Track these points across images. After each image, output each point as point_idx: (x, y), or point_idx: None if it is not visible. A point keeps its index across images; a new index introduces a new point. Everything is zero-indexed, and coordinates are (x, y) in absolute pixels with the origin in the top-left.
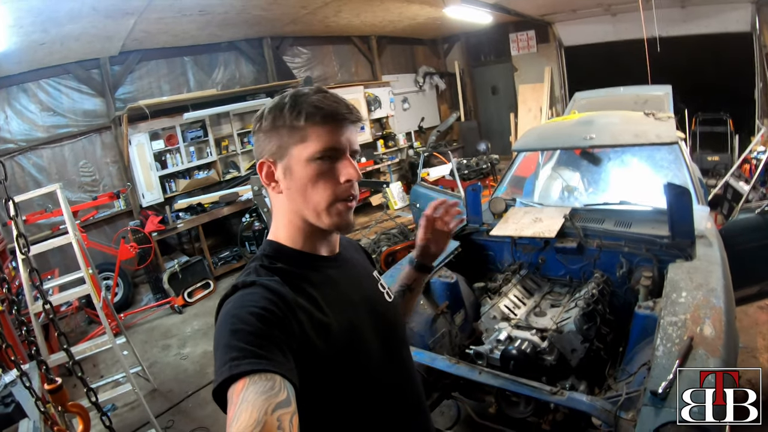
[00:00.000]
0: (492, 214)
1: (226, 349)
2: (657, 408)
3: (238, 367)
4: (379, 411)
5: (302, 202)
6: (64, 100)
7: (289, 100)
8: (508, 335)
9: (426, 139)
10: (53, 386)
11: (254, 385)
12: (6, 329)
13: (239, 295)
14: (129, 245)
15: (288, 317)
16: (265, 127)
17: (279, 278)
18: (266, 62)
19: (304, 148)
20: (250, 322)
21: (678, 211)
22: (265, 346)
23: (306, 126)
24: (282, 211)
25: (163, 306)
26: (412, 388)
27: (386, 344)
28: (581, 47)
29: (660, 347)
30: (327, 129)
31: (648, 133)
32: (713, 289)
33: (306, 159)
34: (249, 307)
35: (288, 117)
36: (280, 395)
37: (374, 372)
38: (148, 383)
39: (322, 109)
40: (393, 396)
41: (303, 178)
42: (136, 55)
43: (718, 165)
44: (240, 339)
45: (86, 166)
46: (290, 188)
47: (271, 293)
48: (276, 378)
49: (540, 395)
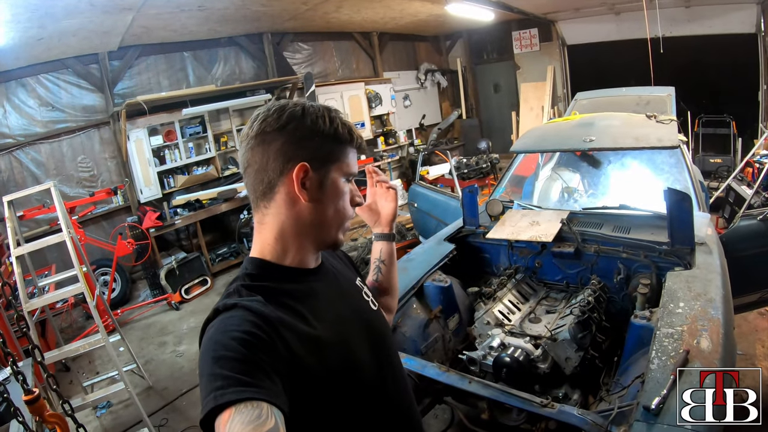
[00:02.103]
0: (489, 216)
1: (211, 378)
2: (649, 424)
3: (223, 396)
4: (372, 421)
5: (324, 216)
6: (62, 95)
7: (324, 111)
8: (502, 342)
9: (427, 136)
10: (30, 397)
11: (240, 414)
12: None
13: (221, 319)
14: (126, 241)
15: (272, 338)
16: (297, 130)
17: (261, 297)
18: (266, 58)
19: (343, 168)
20: (233, 348)
21: (678, 217)
22: (249, 372)
23: (346, 145)
24: (282, 222)
25: (160, 302)
26: (404, 396)
27: (376, 354)
28: (584, 46)
29: (655, 360)
30: (355, 153)
31: (649, 136)
32: (712, 300)
33: (343, 177)
34: (231, 332)
35: (330, 127)
36: (267, 423)
37: (367, 382)
38: (144, 381)
39: (353, 133)
40: (386, 405)
41: (338, 194)
42: (135, 50)
43: (720, 167)
44: (223, 366)
45: (84, 162)
46: (319, 200)
47: (253, 315)
48: (263, 405)
49: (530, 407)
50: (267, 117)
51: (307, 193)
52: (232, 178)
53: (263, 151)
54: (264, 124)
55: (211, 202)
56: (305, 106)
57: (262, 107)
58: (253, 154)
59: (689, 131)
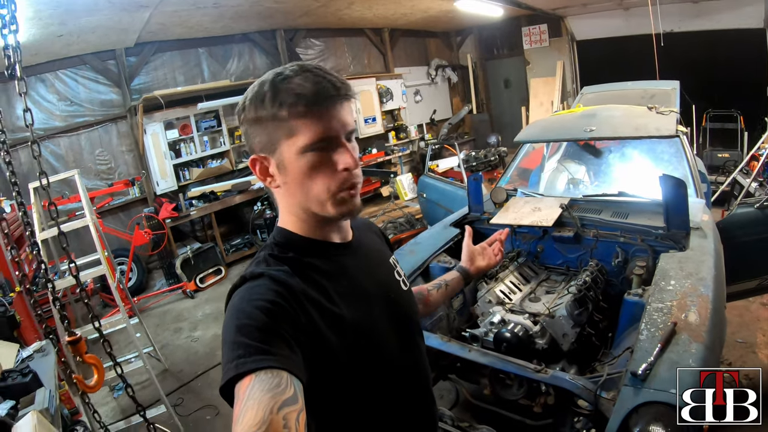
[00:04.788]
0: (493, 204)
1: (233, 346)
2: (636, 388)
3: (244, 365)
4: (390, 399)
5: (302, 195)
6: (81, 90)
7: (269, 87)
8: (502, 318)
9: (438, 131)
10: (73, 338)
11: (260, 382)
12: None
13: (246, 287)
14: (143, 231)
15: (296, 309)
16: (249, 119)
17: (288, 268)
18: (279, 54)
19: (293, 142)
20: (256, 317)
21: (673, 202)
22: (271, 341)
23: (290, 117)
24: (285, 203)
25: (176, 291)
26: (423, 376)
27: (401, 333)
28: (593, 41)
29: (644, 331)
30: (314, 117)
31: (648, 126)
32: (702, 279)
33: (297, 153)
34: (255, 301)
35: (270, 108)
36: (286, 392)
37: (388, 361)
38: (160, 363)
39: (305, 96)
40: (405, 383)
41: (298, 173)
42: (151, 46)
43: (728, 162)
44: (246, 335)
45: (102, 155)
46: (287, 183)
47: (278, 285)
48: (282, 374)
49: (526, 373)
50: (237, 109)
51: (274, 180)
52: (246, 171)
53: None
54: (237, 116)
55: (226, 194)
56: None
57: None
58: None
59: (693, 124)
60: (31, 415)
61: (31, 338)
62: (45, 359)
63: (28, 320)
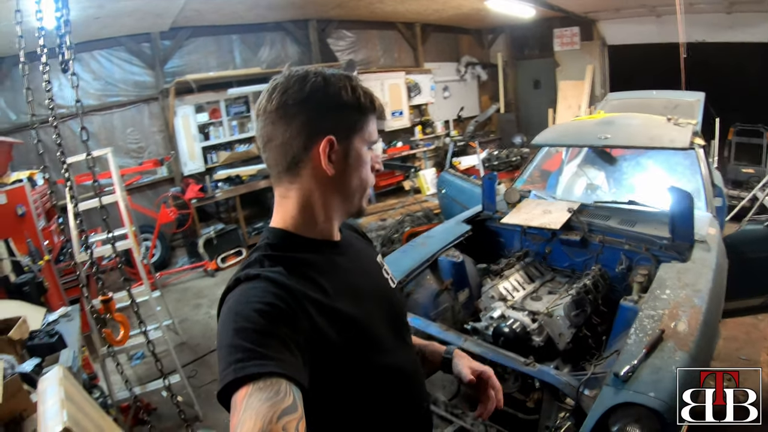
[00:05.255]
0: (507, 204)
1: (230, 350)
2: (617, 389)
3: (243, 369)
4: (389, 394)
5: (350, 187)
6: (115, 70)
7: (345, 81)
8: (502, 314)
9: (464, 128)
10: (106, 297)
11: (259, 390)
12: (51, 276)
13: (242, 288)
14: (169, 210)
15: (295, 311)
16: (321, 102)
17: (284, 268)
18: (311, 44)
19: (368, 135)
20: (254, 320)
21: (679, 214)
22: (270, 345)
23: (368, 114)
24: (307, 195)
25: (197, 269)
26: (417, 371)
27: (394, 329)
28: (624, 47)
29: (632, 336)
30: (376, 119)
31: (662, 137)
32: (699, 290)
33: (366, 146)
34: (253, 303)
35: (352, 99)
36: (285, 401)
37: (386, 358)
38: (178, 336)
39: (377, 102)
40: (402, 379)
41: (361, 163)
42: (185, 31)
43: (752, 177)
44: (244, 338)
45: (133, 134)
46: (344, 171)
47: (275, 286)
48: (282, 382)
49: (513, 364)
50: (288, 89)
51: (333, 166)
52: None
53: (286, 124)
54: (285, 96)
55: (251, 179)
56: (326, 75)
57: (280, 77)
58: (274, 128)
59: (716, 137)
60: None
61: (57, 305)
62: (70, 324)
63: (54, 287)
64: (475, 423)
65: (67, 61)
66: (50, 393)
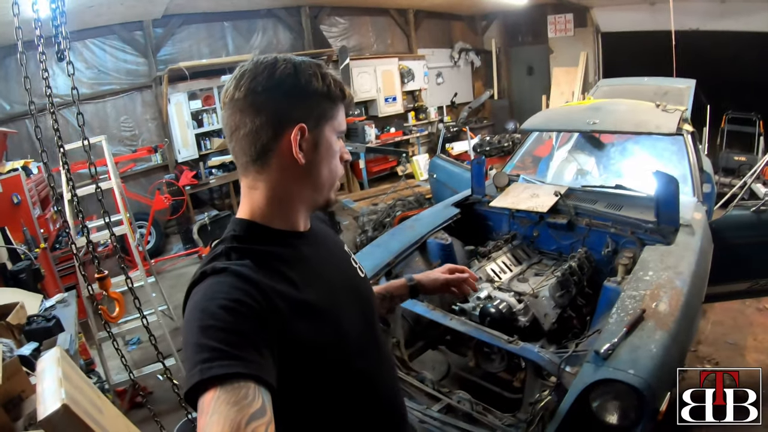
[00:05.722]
0: (495, 188)
1: (197, 349)
2: (597, 366)
3: (209, 370)
4: (362, 384)
5: (319, 176)
6: (108, 59)
7: (315, 68)
8: (489, 294)
9: (457, 114)
10: (102, 275)
11: (226, 393)
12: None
13: (208, 284)
14: (164, 196)
15: (262, 306)
16: (291, 90)
17: (251, 261)
18: (303, 30)
19: (337, 124)
20: (220, 317)
21: (664, 198)
22: (237, 344)
23: (338, 102)
24: (276, 185)
25: (192, 255)
26: (388, 358)
27: (365, 319)
28: (618, 34)
29: (614, 315)
30: (346, 109)
31: (649, 123)
32: (680, 273)
33: (336, 134)
34: (219, 299)
35: (322, 85)
36: (253, 404)
37: (356, 347)
38: (173, 322)
39: (346, 91)
40: (374, 368)
41: (331, 153)
42: (178, 18)
43: (743, 165)
44: (210, 337)
45: (127, 122)
46: (314, 161)
47: (243, 281)
48: (250, 385)
49: (497, 342)
50: (257, 76)
51: (303, 155)
52: None
53: (254, 112)
54: (254, 83)
55: None
56: (295, 62)
57: (247, 64)
58: (242, 117)
59: (707, 124)
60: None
61: (53, 291)
62: (66, 309)
63: (50, 275)
64: (462, 400)
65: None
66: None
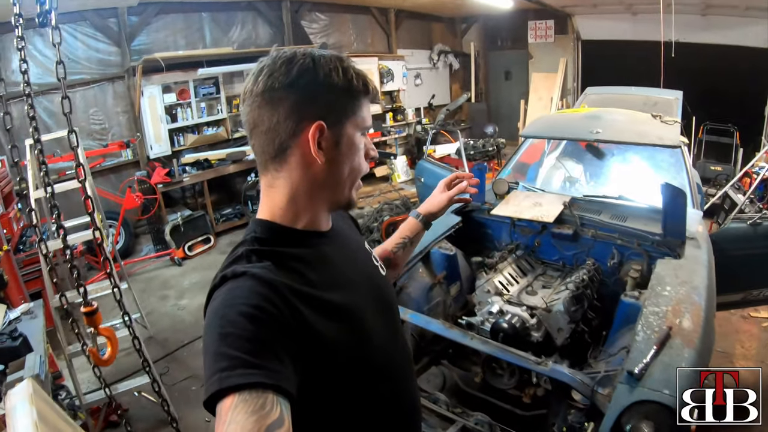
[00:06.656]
0: (495, 195)
1: (216, 357)
2: (632, 387)
3: (228, 379)
4: (383, 384)
5: (340, 175)
6: (78, 46)
7: (336, 62)
8: (500, 309)
9: (435, 116)
10: (89, 309)
11: (244, 403)
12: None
13: (228, 288)
14: (135, 195)
15: (282, 311)
16: (309, 85)
17: (271, 263)
18: (283, 25)
19: (361, 120)
20: (240, 325)
21: (672, 211)
22: (256, 352)
23: (361, 97)
24: (295, 184)
25: (163, 257)
26: (409, 359)
27: (386, 318)
28: (599, 42)
29: (640, 333)
30: (369, 104)
31: (651, 134)
32: (696, 287)
33: (359, 132)
34: (239, 306)
35: (343, 82)
36: (272, 415)
37: (379, 347)
38: (146, 330)
39: (370, 85)
40: (395, 368)
41: (354, 151)
42: (154, 7)
43: (720, 175)
44: (230, 345)
45: (96, 114)
46: (334, 159)
47: (262, 285)
48: (268, 394)
49: (526, 364)
50: (274, 71)
51: (323, 153)
52: (241, 140)
53: (272, 109)
54: (271, 79)
55: (220, 163)
56: (315, 56)
57: (266, 59)
58: (260, 114)
59: (692, 136)
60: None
61: (17, 300)
62: (33, 322)
63: (14, 280)
64: (480, 422)
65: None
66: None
